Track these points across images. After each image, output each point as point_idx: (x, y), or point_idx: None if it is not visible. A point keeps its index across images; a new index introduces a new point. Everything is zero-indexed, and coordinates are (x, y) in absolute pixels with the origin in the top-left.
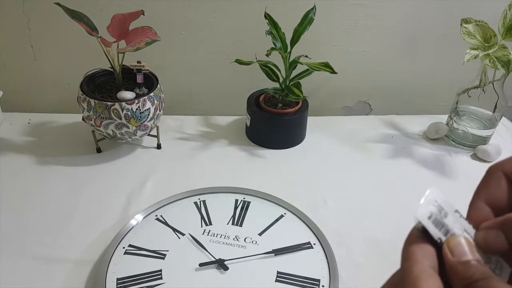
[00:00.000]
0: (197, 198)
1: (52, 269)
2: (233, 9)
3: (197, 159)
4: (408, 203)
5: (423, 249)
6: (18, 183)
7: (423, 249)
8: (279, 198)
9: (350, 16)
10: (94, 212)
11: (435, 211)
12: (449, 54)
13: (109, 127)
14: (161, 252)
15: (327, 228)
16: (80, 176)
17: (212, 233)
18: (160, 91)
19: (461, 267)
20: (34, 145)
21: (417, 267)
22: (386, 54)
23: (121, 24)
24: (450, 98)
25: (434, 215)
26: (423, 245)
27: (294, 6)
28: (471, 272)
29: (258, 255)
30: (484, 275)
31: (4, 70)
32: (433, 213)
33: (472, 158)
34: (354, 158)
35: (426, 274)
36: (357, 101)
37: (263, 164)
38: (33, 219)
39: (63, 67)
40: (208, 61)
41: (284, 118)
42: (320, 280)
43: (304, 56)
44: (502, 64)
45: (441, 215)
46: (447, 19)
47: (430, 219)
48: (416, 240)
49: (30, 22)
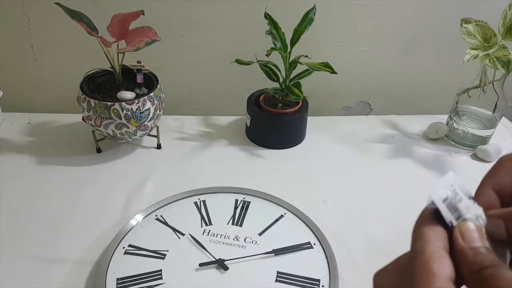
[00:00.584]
0: (197, 198)
1: (52, 269)
2: (233, 9)
3: (197, 159)
4: (408, 203)
5: (435, 230)
6: (18, 183)
7: (435, 230)
8: (279, 198)
9: (350, 16)
10: (94, 212)
11: (451, 195)
12: (449, 54)
13: (109, 127)
14: (161, 252)
15: (327, 228)
16: (80, 176)
17: (212, 233)
18: (160, 91)
19: (471, 253)
20: (34, 145)
21: (429, 247)
22: (386, 54)
23: (121, 24)
24: (450, 98)
25: (450, 198)
26: (435, 226)
27: (294, 6)
28: (480, 258)
29: (258, 255)
30: (493, 263)
31: (4, 70)
32: (448, 197)
33: (472, 158)
34: (354, 158)
35: (438, 255)
36: (357, 101)
37: (263, 164)
38: (33, 219)
39: (63, 67)
40: (208, 61)
41: (284, 118)
42: (320, 280)
43: (304, 56)
44: (502, 64)
45: (455, 199)
46: (447, 19)
47: (444, 202)
48: (428, 221)
49: (30, 22)
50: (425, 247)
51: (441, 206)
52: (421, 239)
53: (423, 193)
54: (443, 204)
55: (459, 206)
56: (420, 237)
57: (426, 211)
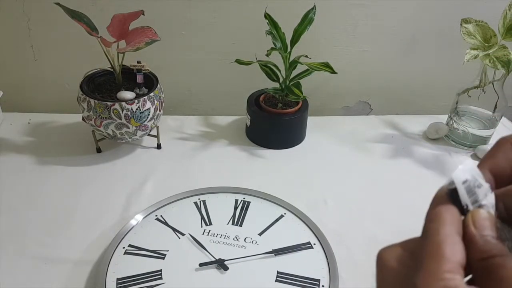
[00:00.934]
0: (197, 198)
1: (52, 269)
2: (233, 9)
3: (197, 159)
4: (408, 203)
5: (451, 213)
6: (18, 183)
7: (451, 213)
8: (279, 198)
9: (350, 16)
10: (94, 212)
11: (471, 178)
12: (449, 54)
13: (109, 127)
14: (161, 252)
15: (327, 228)
16: (80, 176)
17: (212, 233)
18: (160, 91)
19: (481, 240)
20: (34, 145)
21: (445, 230)
22: (386, 54)
23: (121, 24)
24: (450, 98)
25: (469, 181)
26: (451, 208)
27: (294, 6)
28: (489, 247)
29: (258, 255)
30: (501, 252)
31: (4, 70)
32: (468, 180)
33: (472, 158)
34: (354, 158)
35: (452, 240)
36: (357, 101)
37: (263, 164)
38: (33, 219)
39: (63, 67)
40: (208, 61)
41: (284, 118)
42: (320, 280)
43: (304, 56)
44: (502, 64)
45: (475, 184)
46: (447, 19)
47: (464, 184)
48: (445, 201)
49: (30, 22)
50: (440, 228)
51: (461, 187)
52: (436, 220)
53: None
54: (462, 186)
55: (477, 191)
56: (436, 217)
57: (442, 191)
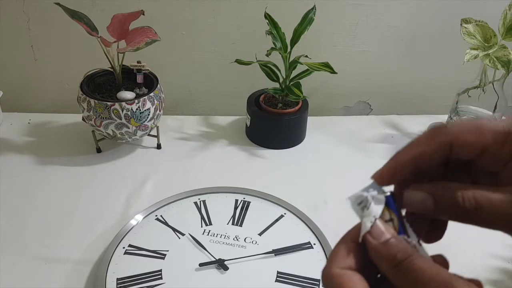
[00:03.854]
0: (197, 198)
1: (52, 269)
2: (233, 9)
3: (197, 159)
4: None
5: (337, 248)
6: (18, 183)
7: (338, 248)
8: (279, 198)
9: (350, 16)
10: (94, 212)
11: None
12: (449, 54)
13: (109, 127)
14: (161, 252)
15: (327, 228)
16: (80, 176)
17: (212, 233)
18: (160, 91)
19: (383, 248)
20: (34, 145)
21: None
22: (386, 54)
23: (121, 24)
24: (450, 98)
25: (363, 202)
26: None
27: (294, 6)
28: (393, 251)
29: (258, 255)
30: (406, 254)
31: (4, 70)
32: (363, 201)
33: None
34: (354, 158)
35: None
36: (357, 101)
37: (263, 164)
38: (33, 219)
39: (63, 67)
40: (208, 61)
41: (284, 118)
42: (320, 280)
43: (304, 56)
44: (502, 64)
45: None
46: (447, 19)
47: (359, 205)
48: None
49: (30, 22)
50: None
51: (356, 209)
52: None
53: None
54: (358, 207)
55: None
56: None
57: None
